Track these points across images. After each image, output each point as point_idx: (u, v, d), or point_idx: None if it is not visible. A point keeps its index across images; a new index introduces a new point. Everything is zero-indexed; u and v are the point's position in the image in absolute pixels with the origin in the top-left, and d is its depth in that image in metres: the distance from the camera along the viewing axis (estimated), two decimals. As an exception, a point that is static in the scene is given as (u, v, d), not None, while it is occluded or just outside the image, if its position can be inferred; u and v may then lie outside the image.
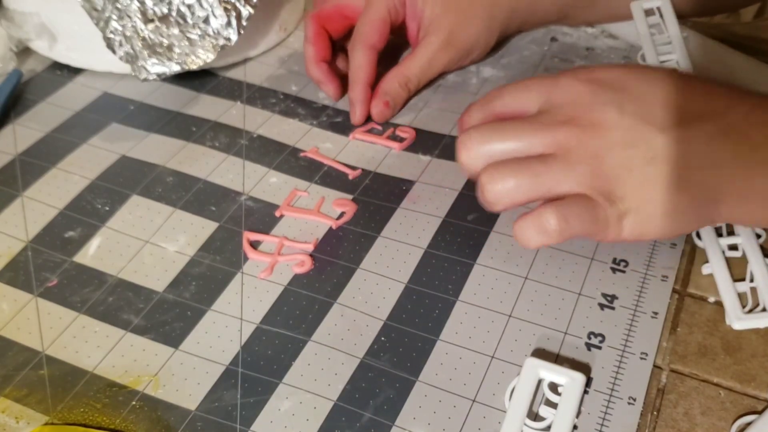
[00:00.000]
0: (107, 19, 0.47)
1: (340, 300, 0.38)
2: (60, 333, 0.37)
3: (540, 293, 0.38)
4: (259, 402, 0.34)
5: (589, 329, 0.36)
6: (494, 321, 0.37)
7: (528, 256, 0.40)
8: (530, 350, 0.36)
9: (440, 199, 0.44)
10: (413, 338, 0.36)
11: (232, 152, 0.47)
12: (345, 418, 0.33)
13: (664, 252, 0.40)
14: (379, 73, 0.49)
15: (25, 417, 0.33)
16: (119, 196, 0.44)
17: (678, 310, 0.38)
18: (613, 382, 0.34)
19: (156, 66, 0.48)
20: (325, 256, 0.40)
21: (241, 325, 0.37)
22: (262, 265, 0.40)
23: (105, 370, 0.35)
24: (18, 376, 0.35)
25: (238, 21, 0.49)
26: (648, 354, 0.35)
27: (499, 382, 0.34)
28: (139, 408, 0.34)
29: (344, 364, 0.35)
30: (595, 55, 0.55)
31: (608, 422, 0.33)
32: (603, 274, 0.39)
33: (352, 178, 0.45)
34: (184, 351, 0.36)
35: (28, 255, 0.41)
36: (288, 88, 0.53)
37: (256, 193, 0.44)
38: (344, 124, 0.49)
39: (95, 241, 0.41)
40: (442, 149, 0.47)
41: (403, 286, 0.39)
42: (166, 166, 0.46)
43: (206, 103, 0.51)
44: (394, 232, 0.42)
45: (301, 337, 0.36)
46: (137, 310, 0.38)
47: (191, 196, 0.44)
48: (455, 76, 0.54)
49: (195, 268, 0.40)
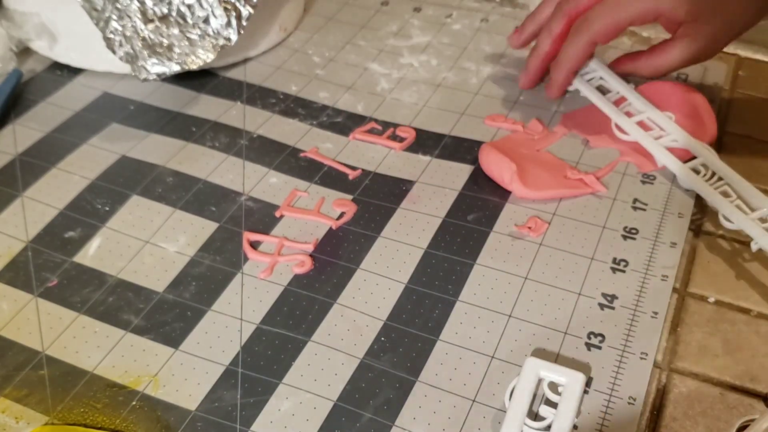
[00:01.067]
0: (107, 19, 0.47)
1: (340, 300, 0.38)
2: (60, 333, 0.37)
3: (540, 293, 0.38)
4: (259, 402, 0.34)
5: (589, 329, 0.36)
6: (494, 321, 0.37)
7: (528, 256, 0.40)
8: (530, 350, 0.36)
9: (440, 199, 0.44)
10: (413, 338, 0.36)
11: (232, 152, 0.47)
12: (345, 418, 0.33)
13: (664, 252, 0.40)
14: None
15: (25, 417, 0.33)
16: (119, 197, 0.44)
17: (678, 310, 0.38)
18: (613, 382, 0.34)
19: (156, 66, 0.48)
20: (325, 257, 0.40)
21: (241, 326, 0.37)
22: (262, 266, 0.40)
23: (105, 370, 0.35)
24: (18, 377, 0.35)
25: (238, 21, 0.49)
26: (648, 354, 0.35)
27: (499, 382, 0.34)
28: (139, 408, 0.34)
29: (344, 365, 0.35)
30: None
31: (608, 422, 0.33)
32: (603, 274, 0.39)
33: (352, 179, 0.45)
34: (184, 351, 0.36)
35: (28, 255, 0.41)
36: (288, 88, 0.53)
37: (256, 194, 0.44)
38: (344, 124, 0.49)
39: (95, 242, 0.41)
40: (442, 149, 0.47)
41: (403, 286, 0.39)
42: (166, 166, 0.46)
43: (206, 103, 0.51)
44: (394, 233, 0.42)
45: (301, 338, 0.36)
46: (137, 311, 0.38)
47: (191, 197, 0.44)
48: (455, 76, 0.54)
49: (195, 268, 0.40)
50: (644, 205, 0.43)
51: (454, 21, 0.60)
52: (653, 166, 0.45)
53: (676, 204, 0.43)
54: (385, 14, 0.61)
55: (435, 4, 0.62)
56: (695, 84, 0.52)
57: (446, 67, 0.55)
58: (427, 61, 0.55)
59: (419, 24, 0.59)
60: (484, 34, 0.58)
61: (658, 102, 0.48)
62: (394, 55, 0.56)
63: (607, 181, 0.44)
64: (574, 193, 0.44)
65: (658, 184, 0.44)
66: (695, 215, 0.42)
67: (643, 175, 0.45)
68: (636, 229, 0.41)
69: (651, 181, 0.44)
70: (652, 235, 0.41)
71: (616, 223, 0.42)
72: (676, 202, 0.43)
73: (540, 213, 0.43)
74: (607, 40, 0.47)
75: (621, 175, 0.45)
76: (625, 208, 0.43)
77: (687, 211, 0.43)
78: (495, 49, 0.56)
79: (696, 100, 0.47)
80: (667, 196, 0.43)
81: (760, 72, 0.54)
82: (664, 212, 0.42)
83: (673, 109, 0.47)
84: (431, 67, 0.55)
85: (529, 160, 0.45)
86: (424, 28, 0.59)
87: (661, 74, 0.48)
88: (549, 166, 0.45)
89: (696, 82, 0.52)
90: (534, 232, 0.41)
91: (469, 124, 0.49)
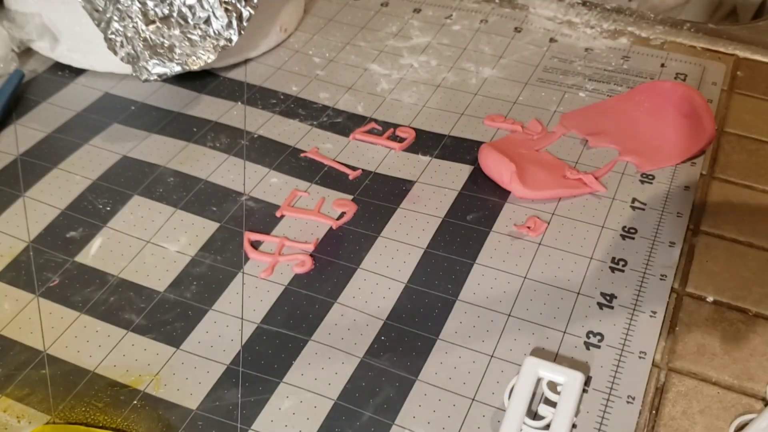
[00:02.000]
0: (108, 20, 0.47)
1: (341, 300, 0.38)
2: (61, 332, 0.37)
3: (539, 292, 0.38)
4: (259, 401, 0.34)
5: (588, 328, 0.37)
6: (493, 320, 0.37)
7: (527, 255, 0.40)
8: (529, 349, 0.36)
9: (440, 199, 0.44)
10: (413, 338, 0.36)
11: (233, 153, 0.47)
12: (345, 417, 0.33)
13: (662, 251, 0.40)
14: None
15: (27, 416, 0.34)
16: (120, 197, 0.44)
17: (677, 310, 0.38)
18: (612, 381, 0.34)
19: (157, 67, 0.48)
20: (326, 256, 0.41)
21: (242, 325, 0.37)
22: (262, 265, 0.40)
23: (106, 369, 0.35)
24: (19, 376, 0.35)
25: (238, 22, 0.49)
26: (647, 353, 0.35)
27: (499, 381, 0.34)
28: (140, 407, 0.34)
29: (344, 364, 0.35)
30: (594, 55, 0.55)
31: (607, 421, 0.33)
32: (602, 273, 0.39)
33: (352, 179, 0.45)
34: (185, 350, 0.36)
35: (29, 255, 0.41)
36: (288, 89, 0.53)
37: (257, 194, 0.44)
38: (344, 125, 0.50)
39: (97, 241, 0.42)
40: (441, 149, 0.47)
41: (402, 285, 0.39)
42: (167, 166, 0.46)
43: (207, 104, 0.51)
44: (394, 232, 0.42)
45: (302, 337, 0.37)
46: (138, 310, 0.38)
47: (192, 197, 0.44)
48: (455, 76, 0.54)
49: (196, 268, 0.40)
50: (643, 205, 0.43)
51: (454, 22, 0.60)
52: (652, 166, 0.45)
53: (674, 204, 0.43)
54: (385, 15, 0.61)
55: (435, 5, 0.62)
56: (694, 84, 0.52)
57: (446, 68, 0.55)
58: (426, 62, 0.55)
59: (419, 25, 0.60)
60: (483, 35, 0.58)
61: (656, 102, 0.48)
62: (394, 56, 0.56)
63: (606, 181, 0.45)
64: (573, 193, 0.44)
65: (657, 184, 0.44)
66: (694, 214, 0.43)
67: (642, 174, 0.45)
68: (635, 228, 0.42)
69: (650, 180, 0.45)
70: (651, 235, 0.41)
71: (614, 222, 0.42)
72: (675, 202, 0.43)
73: (539, 213, 0.43)
74: None
75: (620, 175, 0.45)
76: (624, 208, 0.43)
77: (686, 210, 0.43)
78: (494, 50, 0.56)
79: (694, 99, 0.48)
80: (665, 195, 0.44)
81: (759, 72, 0.54)
82: (662, 212, 0.43)
83: (672, 108, 0.47)
84: (431, 68, 0.55)
85: (529, 160, 0.45)
86: (423, 29, 0.59)
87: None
88: (548, 166, 0.45)
89: (695, 83, 0.52)
90: (533, 231, 0.41)
91: (469, 125, 0.49)
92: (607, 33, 0.58)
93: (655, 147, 0.47)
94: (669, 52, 0.56)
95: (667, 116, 0.48)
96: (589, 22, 0.59)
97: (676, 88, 0.49)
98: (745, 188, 0.45)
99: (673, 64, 0.54)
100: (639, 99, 0.50)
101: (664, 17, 0.59)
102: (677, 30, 0.58)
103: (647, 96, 0.49)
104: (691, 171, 0.45)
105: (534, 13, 0.60)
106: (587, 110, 0.50)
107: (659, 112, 0.49)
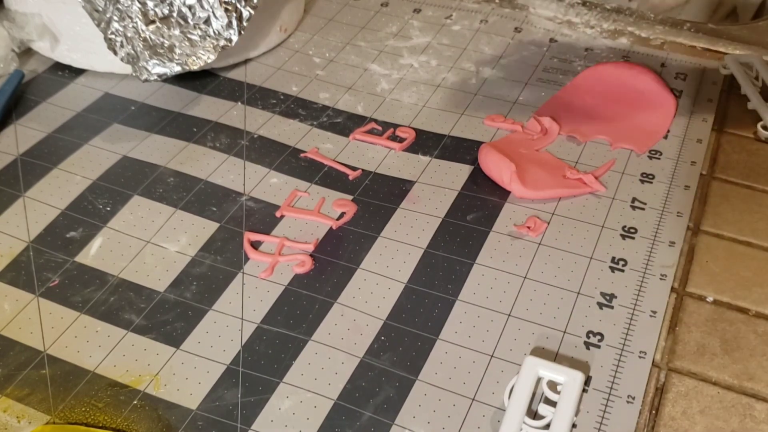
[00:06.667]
0: (108, 20, 0.47)
1: (340, 300, 0.38)
2: (61, 333, 0.37)
3: (539, 292, 0.38)
4: (259, 401, 0.34)
5: (588, 328, 0.37)
6: (493, 320, 0.37)
7: (527, 255, 0.40)
8: (529, 349, 0.36)
9: (440, 199, 0.44)
10: (413, 338, 0.36)
11: (233, 153, 0.47)
12: (345, 416, 0.33)
13: (662, 251, 0.40)
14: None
15: (27, 416, 0.34)
16: (120, 197, 0.44)
17: (676, 309, 0.38)
18: (612, 381, 0.34)
19: (157, 67, 0.48)
20: (326, 257, 0.41)
21: (242, 325, 0.37)
22: (262, 266, 0.40)
23: (106, 369, 0.35)
24: (19, 376, 0.35)
25: (238, 22, 0.49)
26: (647, 353, 0.35)
27: (499, 381, 0.35)
28: (140, 407, 0.34)
29: (344, 364, 0.35)
30: (594, 56, 0.55)
31: (607, 420, 0.33)
32: (602, 273, 0.39)
33: (352, 179, 0.45)
34: (185, 350, 0.36)
35: (29, 255, 0.41)
36: (288, 89, 0.53)
37: (257, 194, 0.44)
38: (344, 125, 0.50)
39: (97, 242, 0.42)
40: (441, 149, 0.47)
41: (402, 285, 0.39)
42: (167, 166, 0.46)
43: (207, 104, 0.51)
44: (394, 232, 0.42)
45: (302, 337, 0.37)
46: (138, 310, 0.38)
47: (192, 197, 0.44)
48: (455, 76, 0.54)
49: (196, 268, 0.40)
50: (643, 205, 0.43)
51: (454, 22, 0.60)
52: (646, 145, 0.46)
53: (674, 203, 0.43)
54: (385, 15, 0.61)
55: (435, 5, 0.62)
56: (694, 84, 0.52)
57: (446, 68, 0.55)
58: (426, 62, 0.55)
59: (419, 25, 0.60)
60: (483, 35, 0.58)
61: (608, 85, 0.50)
62: (394, 56, 0.56)
63: (606, 181, 0.45)
64: (573, 193, 0.44)
65: (657, 184, 0.44)
66: (694, 213, 0.43)
67: (642, 174, 0.45)
68: (635, 228, 0.42)
69: (650, 180, 0.45)
70: (651, 235, 0.41)
71: (614, 222, 0.42)
72: (675, 202, 0.43)
73: (539, 213, 0.43)
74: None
75: (620, 175, 0.45)
76: (624, 208, 0.43)
77: (686, 210, 0.43)
78: (494, 50, 0.57)
79: (642, 72, 0.50)
80: (665, 195, 0.44)
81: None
82: (662, 211, 0.43)
83: (628, 89, 0.50)
84: (431, 68, 0.55)
85: (528, 160, 0.45)
86: (423, 29, 0.59)
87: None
88: (548, 166, 0.45)
89: (695, 83, 0.52)
90: (533, 231, 0.41)
91: (469, 125, 0.49)
92: (607, 33, 0.58)
93: (638, 126, 0.48)
94: (669, 52, 0.56)
95: (629, 95, 0.50)
96: (589, 23, 0.59)
97: (620, 68, 0.51)
98: (745, 188, 0.45)
99: (673, 64, 0.54)
100: (589, 85, 0.51)
101: (664, 17, 0.59)
102: (677, 30, 0.58)
103: (596, 81, 0.51)
104: (691, 171, 0.45)
105: (534, 13, 0.60)
106: (553, 101, 0.50)
107: (617, 94, 0.50)
